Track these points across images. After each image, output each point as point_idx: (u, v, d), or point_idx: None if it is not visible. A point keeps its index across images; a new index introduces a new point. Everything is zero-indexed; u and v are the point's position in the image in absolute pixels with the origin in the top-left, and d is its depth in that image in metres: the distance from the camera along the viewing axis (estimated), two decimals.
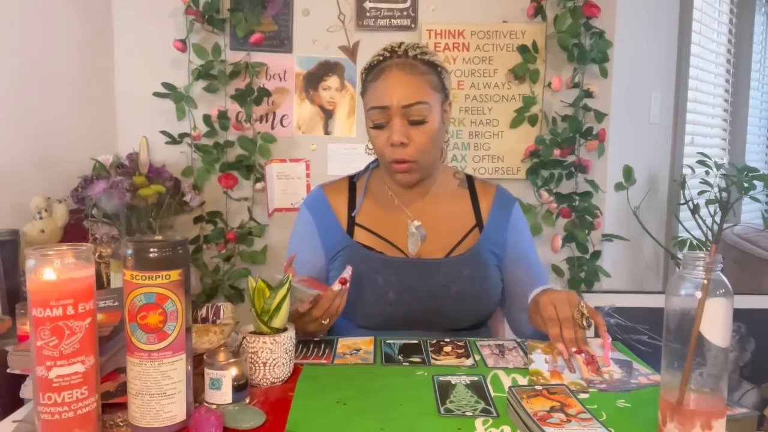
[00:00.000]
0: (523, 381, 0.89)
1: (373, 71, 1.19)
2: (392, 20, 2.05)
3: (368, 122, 1.19)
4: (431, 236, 1.21)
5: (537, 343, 1.00)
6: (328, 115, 2.10)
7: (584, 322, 0.97)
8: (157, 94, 1.99)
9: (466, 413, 0.78)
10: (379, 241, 1.22)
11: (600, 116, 2.00)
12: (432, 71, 1.18)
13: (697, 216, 2.27)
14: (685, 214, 2.43)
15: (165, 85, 1.99)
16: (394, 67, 1.16)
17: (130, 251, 0.71)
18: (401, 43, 1.20)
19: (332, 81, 2.08)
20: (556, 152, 2.00)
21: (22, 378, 0.84)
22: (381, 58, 1.19)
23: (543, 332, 1.02)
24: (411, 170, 1.18)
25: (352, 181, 1.31)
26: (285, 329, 0.91)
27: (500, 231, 1.26)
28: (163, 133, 2.01)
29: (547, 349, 0.98)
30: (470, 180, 1.32)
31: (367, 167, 1.32)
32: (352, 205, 1.26)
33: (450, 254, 1.22)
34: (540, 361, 0.94)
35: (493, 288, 1.22)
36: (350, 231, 1.24)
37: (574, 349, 0.95)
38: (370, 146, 1.25)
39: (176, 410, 0.72)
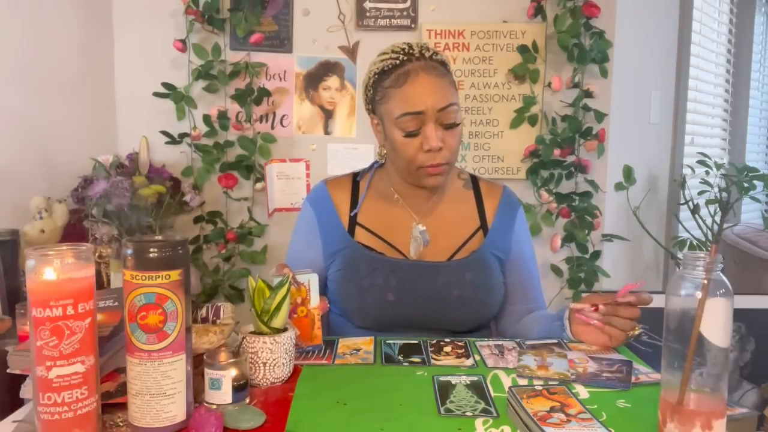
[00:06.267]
0: (523, 381, 0.89)
1: (391, 76, 1.14)
2: (392, 20, 2.05)
3: (395, 131, 1.14)
4: (434, 239, 1.20)
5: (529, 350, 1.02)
6: (328, 115, 2.11)
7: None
8: (157, 94, 1.99)
9: (466, 413, 0.78)
10: (380, 242, 1.21)
11: (600, 116, 2.00)
12: (447, 71, 1.17)
13: (697, 216, 2.28)
14: (685, 214, 2.43)
15: (165, 85, 1.99)
16: (419, 70, 1.12)
17: (130, 251, 0.71)
18: (409, 45, 1.16)
19: (332, 81, 2.09)
20: (556, 152, 2.00)
21: (22, 378, 0.84)
22: (397, 61, 1.14)
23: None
24: (443, 173, 1.16)
25: (355, 179, 1.29)
26: (285, 329, 0.91)
27: (505, 235, 1.25)
28: (163, 133, 2.01)
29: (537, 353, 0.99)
30: (474, 180, 1.31)
31: (371, 166, 1.31)
32: (354, 203, 1.25)
33: (452, 257, 1.21)
34: (529, 360, 0.95)
35: (495, 292, 1.21)
36: (351, 230, 1.23)
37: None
38: (382, 153, 1.23)
39: (176, 410, 0.72)
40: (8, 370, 0.80)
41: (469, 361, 0.97)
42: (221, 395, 0.79)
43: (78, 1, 1.89)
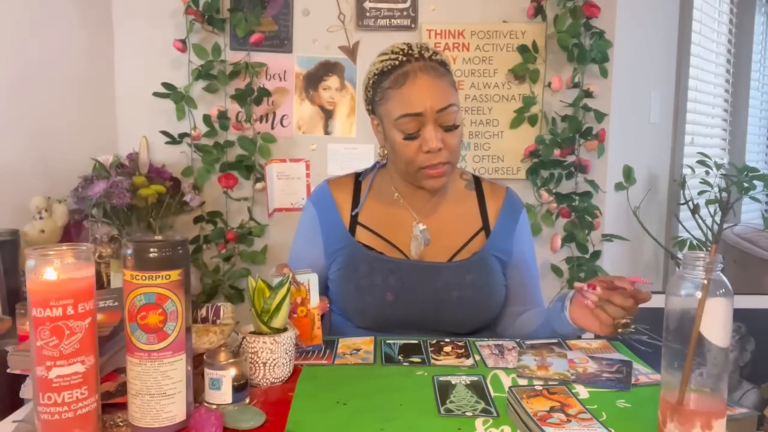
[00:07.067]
0: (523, 381, 0.89)
1: (390, 77, 1.14)
2: (392, 20, 2.05)
3: (395, 132, 1.14)
4: (435, 239, 1.20)
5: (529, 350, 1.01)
6: (328, 115, 2.10)
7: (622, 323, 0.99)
8: (157, 94, 1.99)
9: (466, 413, 0.78)
10: (381, 241, 1.21)
11: (600, 116, 2.00)
12: (447, 71, 1.16)
13: (697, 216, 2.28)
14: (685, 214, 2.43)
15: (165, 85, 1.99)
16: (418, 71, 1.12)
17: (130, 251, 0.71)
18: (409, 45, 1.16)
19: (332, 81, 2.09)
20: (556, 152, 2.00)
21: (22, 378, 0.84)
22: (396, 62, 1.14)
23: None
24: (445, 174, 1.16)
25: (357, 179, 1.29)
26: (285, 329, 0.91)
27: (507, 237, 1.25)
28: (163, 133, 2.01)
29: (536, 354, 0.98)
30: (477, 181, 1.30)
31: (374, 166, 1.30)
32: (356, 203, 1.25)
33: (453, 258, 1.20)
34: (529, 360, 0.95)
35: (496, 294, 1.20)
36: (352, 230, 1.22)
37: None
38: (383, 153, 1.23)
39: (176, 410, 0.72)
40: (8, 370, 0.80)
41: (469, 361, 0.97)
42: (221, 395, 0.79)
43: (78, 1, 1.89)
